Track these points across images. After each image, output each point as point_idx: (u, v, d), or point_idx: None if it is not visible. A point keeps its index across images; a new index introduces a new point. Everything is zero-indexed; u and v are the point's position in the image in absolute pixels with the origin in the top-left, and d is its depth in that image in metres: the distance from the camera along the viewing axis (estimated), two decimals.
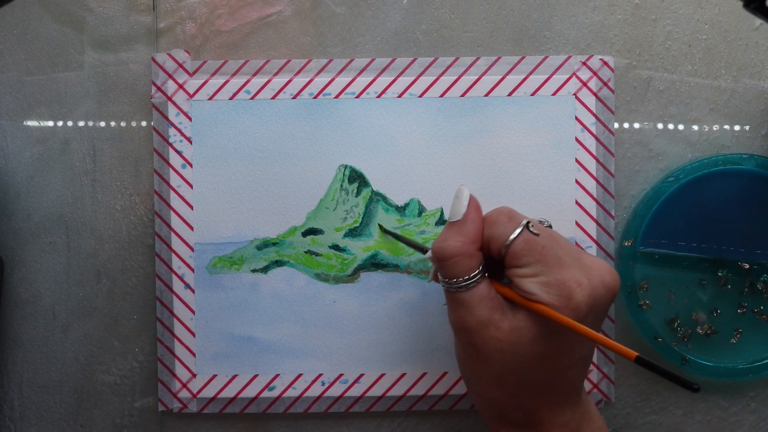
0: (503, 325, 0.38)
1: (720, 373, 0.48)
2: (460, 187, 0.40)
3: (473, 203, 0.40)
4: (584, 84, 0.48)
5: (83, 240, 0.49)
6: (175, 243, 0.49)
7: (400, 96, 0.48)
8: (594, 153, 0.48)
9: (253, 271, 0.49)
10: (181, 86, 0.49)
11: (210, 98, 0.49)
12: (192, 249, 0.49)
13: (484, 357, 0.39)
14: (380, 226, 0.48)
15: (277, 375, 0.49)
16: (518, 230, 0.38)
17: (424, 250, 0.45)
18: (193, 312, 0.49)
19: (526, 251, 0.38)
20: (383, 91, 0.48)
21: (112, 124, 0.49)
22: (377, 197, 0.49)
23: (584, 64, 0.48)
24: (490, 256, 0.40)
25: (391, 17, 0.49)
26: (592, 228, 0.48)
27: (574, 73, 0.48)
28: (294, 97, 0.49)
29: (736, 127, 0.49)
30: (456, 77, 0.48)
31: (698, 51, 0.49)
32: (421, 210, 0.48)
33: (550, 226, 0.42)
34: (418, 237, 0.49)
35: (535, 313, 0.38)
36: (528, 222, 0.39)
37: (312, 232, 0.49)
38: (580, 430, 0.40)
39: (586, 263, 0.39)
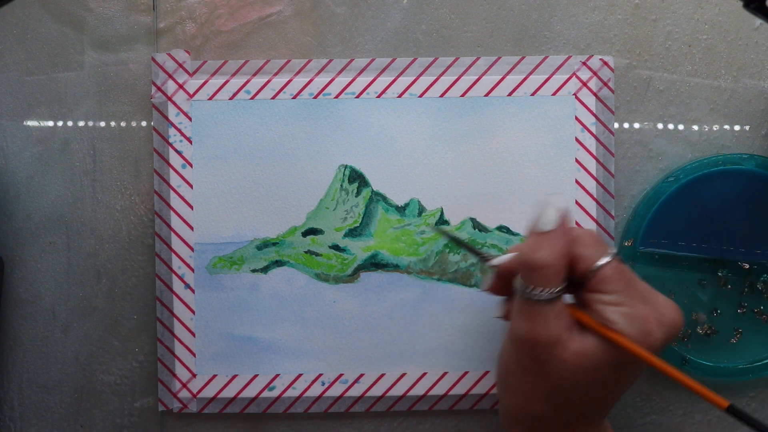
0: (571, 345, 0.37)
1: (720, 373, 0.48)
2: (550, 197, 0.39)
3: (564, 217, 0.39)
4: (584, 84, 0.48)
5: (83, 240, 0.49)
6: (175, 243, 0.49)
7: (400, 96, 0.48)
8: (594, 153, 0.48)
9: (253, 271, 0.49)
10: (181, 86, 0.49)
11: (210, 98, 0.49)
12: (192, 249, 0.49)
13: (542, 373, 0.38)
14: (439, 229, 0.48)
15: (277, 375, 0.49)
16: (609, 256, 0.38)
17: (486, 258, 0.43)
18: (193, 312, 0.49)
19: (614, 279, 0.38)
20: (383, 91, 0.49)
21: (112, 124, 0.49)
22: (377, 197, 0.49)
23: (584, 64, 0.48)
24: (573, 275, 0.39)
25: (391, 17, 0.49)
26: (592, 228, 0.48)
27: (574, 73, 0.48)
28: (294, 97, 0.49)
29: (736, 127, 0.49)
30: (456, 77, 0.48)
31: (698, 51, 0.49)
32: (421, 210, 0.48)
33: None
34: (418, 237, 0.49)
35: (607, 341, 0.37)
36: (616, 251, 0.39)
37: (312, 232, 0.49)
38: None
39: (661, 302, 0.39)
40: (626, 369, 0.38)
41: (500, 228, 0.48)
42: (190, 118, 0.49)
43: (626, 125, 0.49)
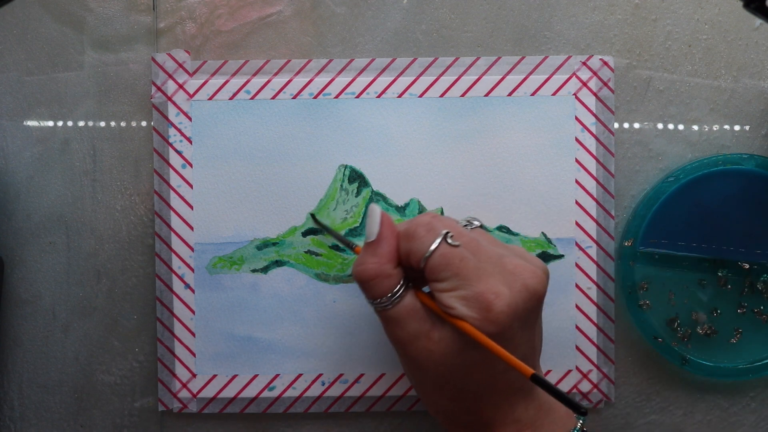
0: (433, 335, 0.38)
1: (720, 373, 0.48)
2: (372, 206, 0.40)
3: (385, 221, 0.40)
4: (584, 84, 0.48)
5: (83, 240, 0.49)
6: (175, 243, 0.49)
7: (400, 96, 0.48)
8: (594, 153, 0.48)
9: (253, 271, 0.49)
10: (181, 86, 0.49)
11: (210, 98, 0.49)
12: (192, 249, 0.49)
13: (420, 367, 0.39)
14: (313, 216, 0.48)
15: (277, 375, 0.49)
16: (435, 244, 0.38)
17: (352, 248, 0.45)
18: (193, 312, 0.49)
19: (443, 266, 0.38)
20: (383, 91, 0.48)
21: (112, 124, 0.49)
22: (377, 197, 0.49)
23: (584, 64, 0.48)
24: (413, 269, 0.40)
25: (391, 17, 0.49)
26: (592, 228, 0.48)
27: (574, 73, 0.48)
28: (294, 97, 0.49)
29: (736, 127, 0.49)
30: (456, 77, 0.48)
31: (698, 51, 0.49)
32: (421, 210, 0.48)
33: (481, 226, 0.42)
34: None
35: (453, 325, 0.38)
36: (447, 232, 0.38)
37: (312, 232, 0.49)
38: (536, 423, 0.39)
39: (510, 269, 0.38)
40: (484, 346, 0.38)
41: (500, 228, 0.48)
42: (190, 118, 0.49)
43: (626, 125, 0.49)
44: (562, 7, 0.49)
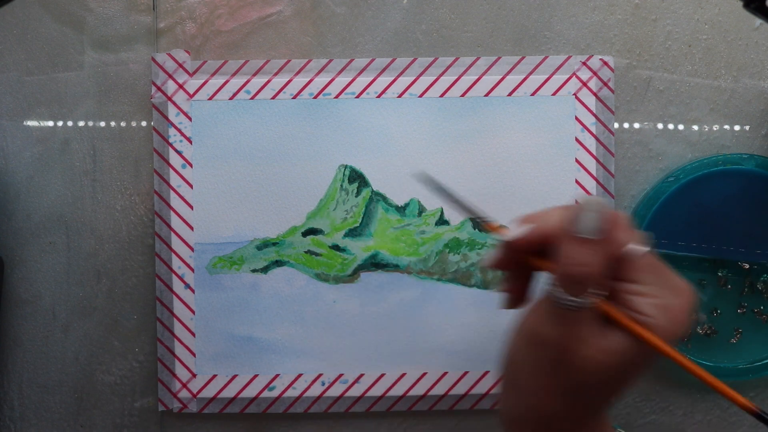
0: (595, 343, 0.35)
1: (720, 373, 0.48)
2: (592, 199, 0.35)
3: (608, 220, 0.35)
4: (584, 84, 0.48)
5: (83, 240, 0.49)
6: (175, 243, 0.49)
7: (400, 96, 0.48)
8: (594, 153, 0.48)
9: (253, 271, 0.49)
10: (181, 86, 0.49)
11: (210, 98, 0.49)
12: (192, 249, 0.49)
13: (563, 373, 0.36)
14: (426, 176, 0.45)
15: (277, 375, 0.49)
16: (642, 244, 0.35)
17: (489, 225, 0.39)
18: (193, 312, 0.49)
19: (648, 267, 0.35)
20: (383, 91, 0.48)
21: (112, 124, 0.49)
22: (377, 197, 0.49)
23: (584, 64, 0.48)
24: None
25: (391, 17, 0.49)
26: None
27: (574, 73, 0.48)
28: (294, 97, 0.49)
29: (736, 127, 0.49)
30: (456, 77, 0.48)
31: (698, 51, 0.49)
32: (421, 210, 0.48)
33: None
34: (418, 237, 0.49)
35: (634, 337, 0.35)
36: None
37: (312, 232, 0.49)
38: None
39: (680, 286, 0.36)
40: (650, 363, 0.36)
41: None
42: (190, 118, 0.49)
43: (626, 125, 0.49)
44: (562, 7, 0.49)
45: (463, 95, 0.48)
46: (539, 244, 0.36)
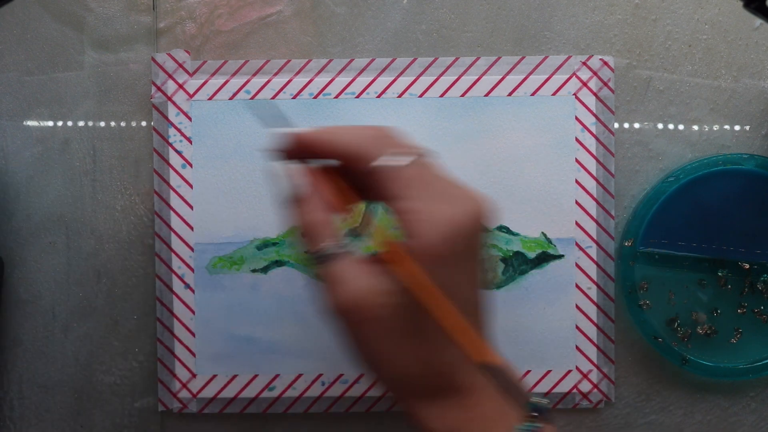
0: (358, 284, 0.33)
1: (720, 373, 0.48)
2: (276, 167, 0.34)
3: (296, 171, 0.34)
4: (584, 84, 0.48)
5: (83, 240, 0.49)
6: (175, 243, 0.49)
7: (400, 96, 0.48)
8: (594, 153, 0.48)
9: (253, 271, 0.49)
10: (181, 86, 0.49)
11: (210, 98, 0.49)
12: (192, 249, 0.49)
13: (381, 330, 0.33)
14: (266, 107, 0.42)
15: (277, 375, 0.49)
16: (400, 158, 0.32)
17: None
18: (193, 312, 0.49)
19: (415, 181, 0.33)
20: (383, 91, 0.48)
21: (112, 124, 0.49)
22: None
23: (584, 64, 0.48)
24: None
25: (391, 17, 0.49)
26: (592, 228, 0.48)
27: (574, 73, 0.48)
28: (294, 97, 0.49)
29: (736, 127, 0.49)
30: (456, 77, 0.48)
31: (698, 51, 0.49)
32: None
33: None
34: None
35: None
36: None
37: None
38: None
39: (455, 194, 0.33)
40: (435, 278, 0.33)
41: (500, 228, 0.48)
42: (190, 118, 0.49)
43: (626, 125, 0.49)
44: (562, 7, 0.49)
45: (463, 95, 0.48)
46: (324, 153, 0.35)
